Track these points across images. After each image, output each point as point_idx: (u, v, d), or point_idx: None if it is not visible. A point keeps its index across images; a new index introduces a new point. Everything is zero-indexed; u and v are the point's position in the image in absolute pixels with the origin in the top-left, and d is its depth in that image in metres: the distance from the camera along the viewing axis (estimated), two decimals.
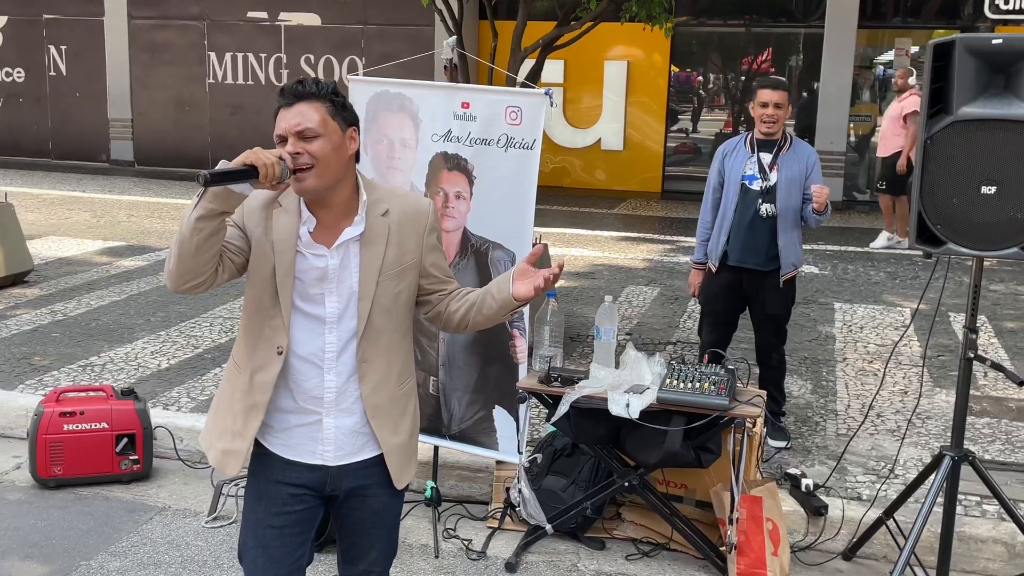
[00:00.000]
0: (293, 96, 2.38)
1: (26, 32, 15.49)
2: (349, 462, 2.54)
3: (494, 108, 4.01)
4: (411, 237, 2.53)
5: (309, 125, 2.35)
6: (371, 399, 2.51)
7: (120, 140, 15.33)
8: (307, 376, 2.47)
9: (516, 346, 4.17)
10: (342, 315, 2.46)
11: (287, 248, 2.43)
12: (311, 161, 2.35)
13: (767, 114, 4.78)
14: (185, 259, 2.29)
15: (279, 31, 14.50)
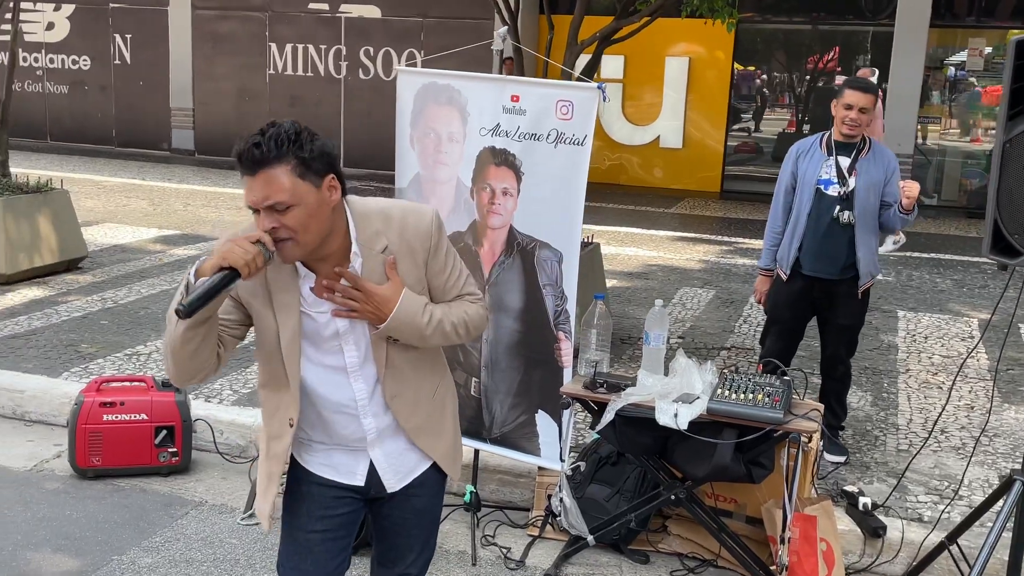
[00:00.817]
0: (252, 165, 2.09)
1: (92, 21, 15.69)
2: (409, 481, 2.48)
3: (544, 102, 3.86)
4: (416, 264, 2.33)
5: (279, 198, 2.09)
6: (410, 424, 2.42)
7: (181, 129, 15.46)
8: (343, 424, 2.38)
9: (561, 349, 4.02)
10: (364, 361, 2.33)
11: (290, 313, 2.26)
12: (290, 233, 2.12)
13: (850, 117, 4.53)
14: (183, 364, 2.18)
15: (339, 23, 14.50)
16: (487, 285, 4.07)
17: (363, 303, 2.23)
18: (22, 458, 4.70)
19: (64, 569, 3.70)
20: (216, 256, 2.07)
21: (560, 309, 3.98)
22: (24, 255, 7.26)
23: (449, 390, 2.57)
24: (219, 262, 2.06)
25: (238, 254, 2.06)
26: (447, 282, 2.40)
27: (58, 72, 16.01)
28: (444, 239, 2.38)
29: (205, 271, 2.07)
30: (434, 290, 2.39)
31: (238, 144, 2.11)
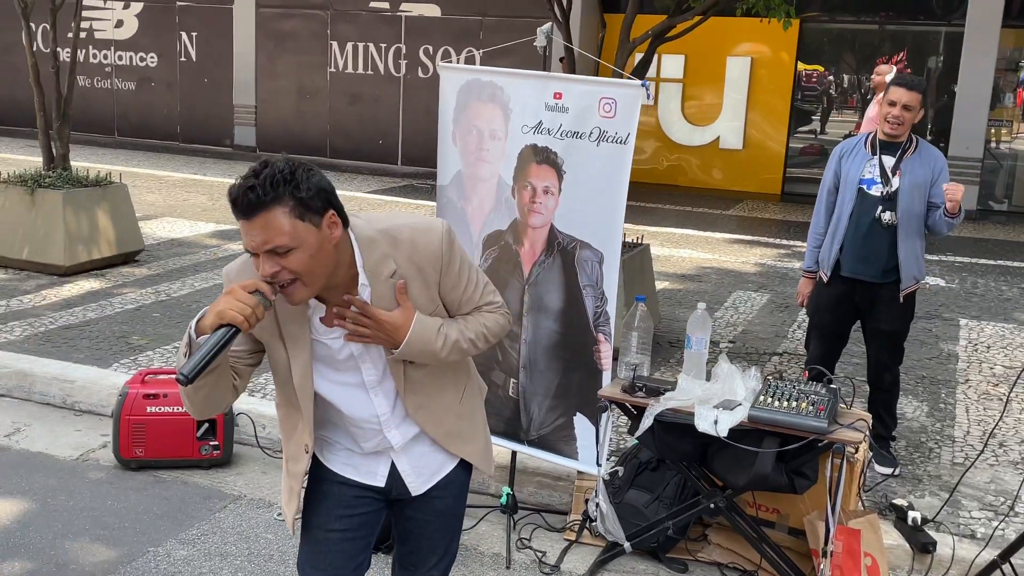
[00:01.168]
0: (247, 208, 1.99)
1: (160, 19, 15.98)
2: (434, 483, 2.44)
3: (587, 100, 3.79)
4: (428, 285, 2.25)
5: (279, 242, 2.00)
6: (438, 431, 2.39)
7: (243, 126, 15.67)
8: (367, 437, 2.35)
9: (600, 351, 3.95)
10: (383, 377, 2.29)
11: (301, 346, 2.22)
12: (293, 276, 2.05)
13: (893, 114, 4.40)
14: (199, 406, 2.17)
15: (400, 21, 14.56)
16: (527, 285, 4.02)
17: (374, 330, 2.17)
18: (69, 447, 4.77)
19: (100, 559, 3.74)
20: (212, 314, 2.01)
21: (600, 310, 3.91)
22: (83, 247, 7.39)
23: (476, 391, 2.53)
24: (217, 320, 1.99)
25: (236, 309, 1.99)
26: (463, 296, 2.33)
27: (126, 69, 16.33)
28: (456, 254, 2.28)
29: (205, 328, 2.02)
30: (449, 306, 2.33)
31: (232, 188, 2.02)
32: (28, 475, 4.42)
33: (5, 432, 4.91)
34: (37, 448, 4.73)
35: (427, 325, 2.22)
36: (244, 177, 2.01)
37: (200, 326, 2.03)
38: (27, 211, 7.24)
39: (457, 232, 4.17)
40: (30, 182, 7.30)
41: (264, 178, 1.98)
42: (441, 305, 2.30)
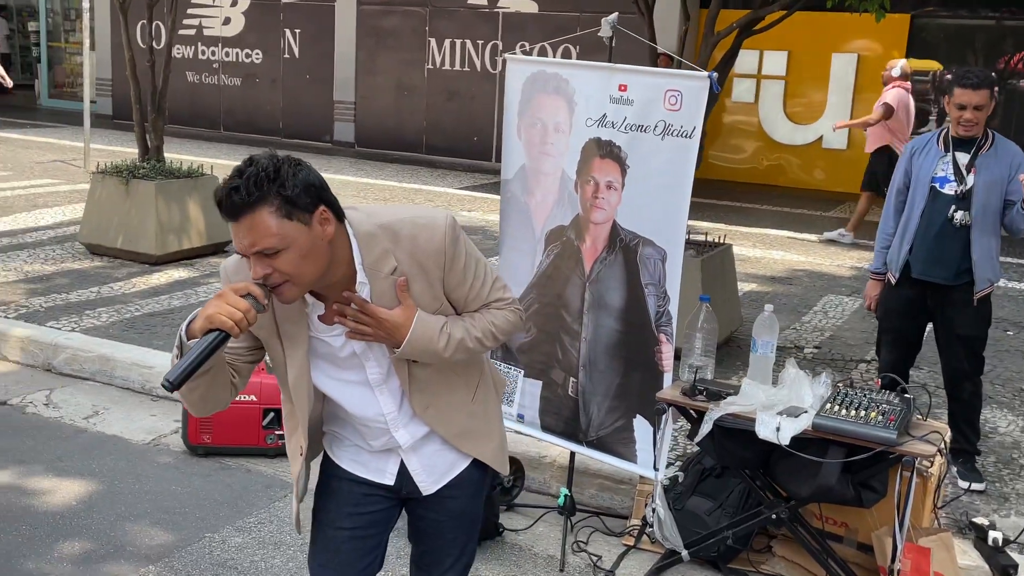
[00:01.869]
0: (233, 210, 1.92)
1: (265, 16, 16.35)
2: (446, 483, 2.37)
3: (652, 92, 3.67)
4: (431, 283, 2.15)
5: (267, 244, 1.93)
6: (448, 431, 2.30)
7: (343, 122, 15.91)
8: (375, 436, 2.29)
9: (662, 352, 3.82)
10: (388, 375, 2.21)
11: (298, 345, 2.14)
12: (285, 277, 1.97)
13: (965, 117, 4.21)
14: (195, 405, 2.11)
15: (497, 18, 14.56)
16: (588, 281, 3.92)
17: (375, 328, 2.10)
18: (143, 432, 4.88)
19: (156, 543, 3.79)
20: (202, 318, 1.94)
21: (662, 310, 3.79)
22: (173, 237, 7.58)
23: (490, 387, 2.43)
24: (206, 325, 1.93)
25: (226, 314, 1.92)
26: (469, 294, 2.22)
27: (232, 65, 16.76)
28: (461, 249, 2.17)
29: (195, 332, 1.95)
30: (455, 303, 2.23)
31: (216, 188, 1.96)
32: (100, 457, 4.53)
33: (84, 414, 5.05)
34: (112, 431, 4.85)
35: (429, 324, 2.14)
36: (229, 177, 1.95)
37: (191, 329, 1.98)
38: (122, 201, 7.46)
39: (520, 227, 4.14)
40: (125, 173, 7.52)
41: (248, 177, 1.91)
42: (446, 303, 2.21)
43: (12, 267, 7.24)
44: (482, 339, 2.22)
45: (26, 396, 5.24)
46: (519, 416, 4.21)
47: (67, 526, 3.86)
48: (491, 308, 2.27)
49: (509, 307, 2.30)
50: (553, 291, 4.04)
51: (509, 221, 4.17)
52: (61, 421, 4.95)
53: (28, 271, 7.15)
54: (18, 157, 12.86)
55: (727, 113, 14.19)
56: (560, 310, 4.03)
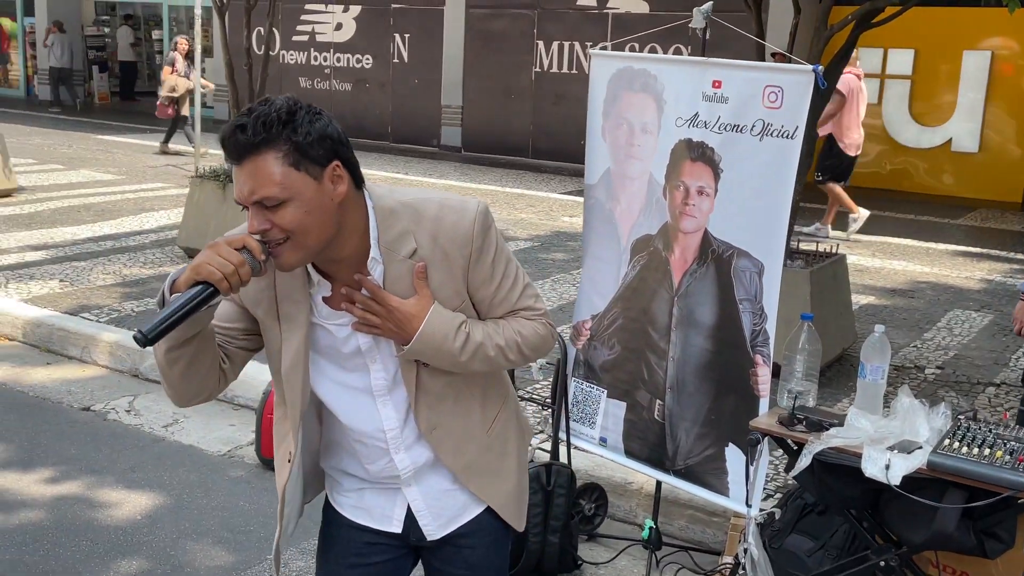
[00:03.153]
0: (236, 151, 1.69)
1: (375, 21, 16.42)
2: (454, 529, 2.05)
3: (750, 88, 3.32)
4: (453, 275, 1.88)
5: (267, 192, 1.69)
6: (456, 463, 1.99)
7: (450, 126, 15.83)
8: (373, 458, 1.98)
9: (757, 375, 3.46)
10: (393, 384, 1.92)
11: (295, 329, 1.87)
12: (285, 235, 1.72)
13: None
14: (175, 386, 1.84)
15: (606, 19, 14.23)
16: (676, 296, 3.59)
17: (384, 319, 1.82)
18: (219, 442, 4.76)
19: (216, 563, 3.63)
20: (189, 269, 1.69)
21: (758, 329, 3.43)
22: None
23: (514, 422, 2.11)
24: (192, 276, 1.67)
25: (216, 265, 1.66)
26: (495, 295, 1.93)
27: (343, 70, 16.90)
28: (491, 241, 1.90)
29: (180, 285, 1.69)
30: (479, 304, 1.94)
31: (224, 127, 1.74)
32: (172, 468, 4.42)
33: (164, 423, 4.97)
34: (189, 441, 4.75)
35: (446, 318, 1.85)
36: (238, 115, 1.73)
37: (176, 284, 1.70)
38: (219, 204, 7.44)
39: (604, 236, 3.83)
40: (222, 176, 7.50)
41: (258, 116, 1.69)
42: (468, 301, 1.92)
43: (111, 270, 7.30)
44: (505, 349, 1.93)
45: (110, 402, 5.20)
46: (601, 440, 3.90)
47: (128, 542, 3.74)
48: (519, 316, 1.97)
49: (539, 319, 1.99)
50: (639, 305, 3.72)
51: (593, 229, 3.87)
52: (140, 429, 4.88)
53: (126, 274, 7.20)
54: (133, 161, 13.18)
55: None
56: (646, 326, 3.71)
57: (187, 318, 1.67)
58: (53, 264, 7.41)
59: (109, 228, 8.80)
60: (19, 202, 9.87)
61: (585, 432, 3.95)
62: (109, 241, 8.27)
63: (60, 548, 3.65)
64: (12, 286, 6.74)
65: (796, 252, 5.78)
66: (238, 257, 1.68)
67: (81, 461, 4.42)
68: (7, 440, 4.60)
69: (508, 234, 9.39)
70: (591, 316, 3.89)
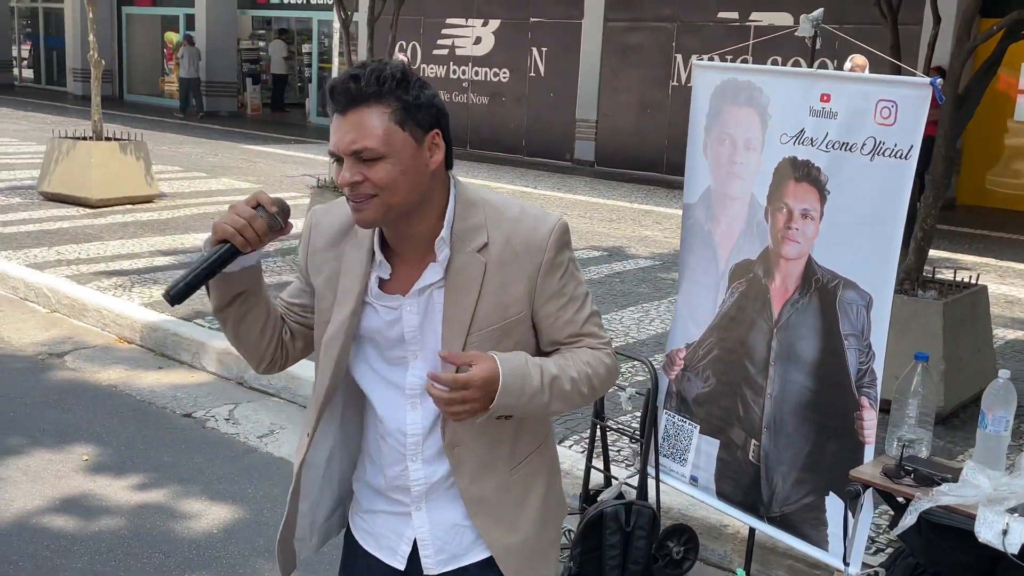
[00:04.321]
0: (345, 100, 1.70)
1: (514, 35, 16.42)
2: (454, 568, 1.91)
3: (861, 102, 3.01)
4: (517, 281, 1.80)
5: (368, 143, 1.68)
6: (470, 491, 1.87)
7: (584, 140, 15.66)
8: (390, 461, 1.91)
9: (863, 419, 3.13)
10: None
11: (349, 299, 1.84)
12: (373, 191, 1.70)
13: None
14: (238, 346, 1.91)
15: (748, 32, 13.78)
16: (776, 328, 3.29)
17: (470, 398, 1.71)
18: None
19: None
20: (217, 227, 1.75)
21: (865, 368, 3.10)
22: None
23: (544, 476, 1.96)
24: (213, 237, 1.75)
25: (230, 222, 1.72)
26: (561, 314, 1.84)
27: (480, 84, 16.96)
28: (565, 258, 1.83)
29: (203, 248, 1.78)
30: (542, 321, 1.84)
31: (333, 78, 1.76)
32: (258, 481, 4.38)
33: (260, 433, 4.96)
34: (281, 453, 4.71)
35: (512, 358, 1.76)
36: (353, 67, 1.75)
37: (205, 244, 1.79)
38: None
39: (703, 259, 3.57)
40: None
41: (372, 70, 1.71)
42: (526, 314, 1.82)
43: None
44: (578, 381, 1.82)
45: (211, 409, 5.24)
46: (692, 479, 3.63)
47: (200, 557, 3.69)
48: (583, 344, 1.87)
49: (604, 348, 1.89)
50: (736, 336, 3.44)
51: (691, 251, 3.62)
52: (236, 439, 4.88)
53: None
54: (272, 171, 13.55)
55: (1009, 135, 12.67)
56: (743, 359, 3.42)
57: (210, 275, 1.75)
58: (179, 269, 7.60)
59: None
60: (158, 208, 10.24)
61: (675, 469, 3.69)
62: None
63: (132, 559, 3.64)
64: (136, 290, 6.93)
65: (929, 281, 5.33)
66: (250, 212, 1.74)
67: (172, 469, 4.44)
68: (105, 444, 4.67)
69: (629, 251, 9.14)
70: (685, 345, 3.64)
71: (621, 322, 6.69)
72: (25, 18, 29.35)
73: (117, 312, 6.44)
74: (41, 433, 4.73)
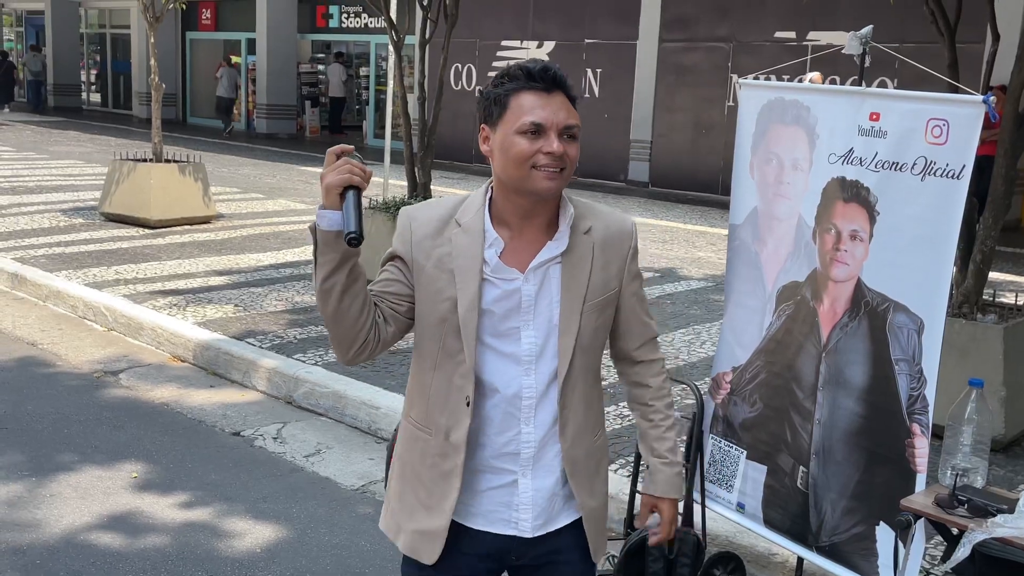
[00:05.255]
0: (552, 81, 1.99)
1: (569, 56, 16.44)
2: (548, 531, 2.16)
3: (911, 121, 2.94)
4: (614, 261, 2.14)
5: (576, 122, 2.00)
6: (570, 453, 2.13)
7: (638, 161, 15.59)
8: (502, 428, 2.10)
9: (915, 447, 3.04)
10: (541, 353, 2.08)
11: (471, 276, 2.04)
12: (566, 164, 1.99)
13: None
14: (333, 328, 2.02)
15: (806, 51, 13.64)
16: (824, 352, 3.21)
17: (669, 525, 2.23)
18: (354, 476, 4.71)
19: None
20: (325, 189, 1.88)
21: (916, 394, 3.01)
22: None
23: (606, 452, 2.28)
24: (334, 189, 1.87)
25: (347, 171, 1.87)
26: (641, 307, 2.23)
27: None
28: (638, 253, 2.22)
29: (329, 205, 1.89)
30: (628, 298, 2.19)
31: (519, 66, 2.01)
32: (303, 501, 4.39)
33: (307, 452, 4.98)
34: (326, 473, 4.72)
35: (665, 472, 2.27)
36: (532, 60, 2.05)
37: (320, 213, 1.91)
38: (388, 235, 7.48)
39: (749, 281, 3.50)
40: (392, 209, 7.58)
41: (558, 68, 2.02)
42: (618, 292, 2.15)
43: (284, 297, 7.50)
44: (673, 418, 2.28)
45: (260, 428, 5.27)
46: (739, 505, 3.55)
47: None
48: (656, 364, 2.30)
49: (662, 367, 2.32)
50: (783, 360, 3.37)
51: (737, 273, 3.56)
52: (283, 457, 4.90)
53: (297, 302, 7.38)
54: None
55: None
56: (791, 383, 3.35)
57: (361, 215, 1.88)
58: (232, 289, 7.70)
59: (291, 256, 9.10)
60: (215, 228, 10.41)
61: (722, 496, 3.61)
62: (288, 268, 8.53)
63: None
64: (190, 309, 7.03)
65: (990, 304, 5.18)
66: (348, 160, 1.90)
67: (219, 488, 4.47)
68: (155, 461, 4.72)
69: (682, 272, 9.05)
70: (732, 368, 3.57)
71: (672, 344, 6.61)
72: (94, 43, 30.17)
73: (171, 331, 6.53)
74: (93, 450, 4.81)
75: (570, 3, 16.39)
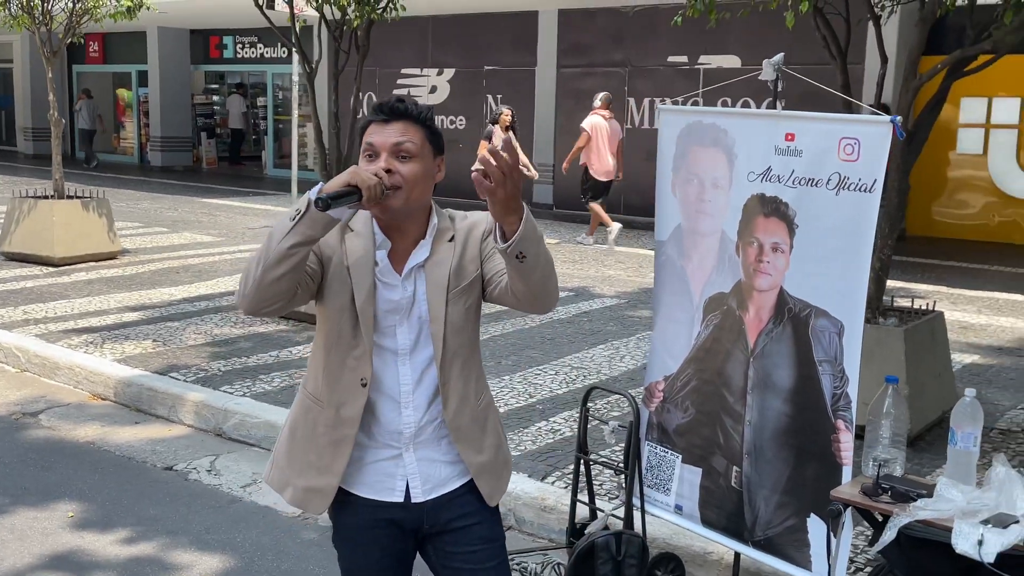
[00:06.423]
0: (392, 113, 2.26)
1: (469, 83, 16.68)
2: (440, 494, 2.40)
3: (825, 140, 3.20)
4: (471, 248, 2.38)
5: (410, 142, 2.24)
6: (455, 423, 2.39)
7: (542, 184, 15.87)
8: (384, 411, 2.37)
9: (840, 441, 3.27)
10: (414, 346, 2.36)
11: (365, 274, 2.32)
12: (401, 182, 2.22)
13: None
14: (265, 285, 2.17)
15: (697, 75, 14.15)
16: (752, 357, 3.43)
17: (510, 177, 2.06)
18: None
19: None
20: (347, 175, 2.12)
21: (839, 392, 3.25)
22: None
23: (494, 410, 2.52)
24: (346, 179, 2.12)
25: (363, 177, 2.13)
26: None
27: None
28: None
29: (333, 185, 2.12)
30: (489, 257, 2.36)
31: (380, 101, 2.30)
32: (246, 530, 4.41)
33: (243, 483, 4.98)
34: (265, 502, 4.74)
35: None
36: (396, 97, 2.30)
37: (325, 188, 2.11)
38: None
39: (676, 294, 3.71)
40: None
41: (412, 102, 2.28)
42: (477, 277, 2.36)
43: (203, 330, 7.45)
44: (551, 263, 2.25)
45: (192, 461, 5.25)
46: (677, 507, 3.74)
47: None
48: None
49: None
50: (713, 367, 3.58)
51: (664, 288, 3.76)
52: (220, 489, 4.90)
53: (216, 334, 7.33)
54: (234, 223, 13.57)
55: (952, 166, 13.09)
56: (721, 389, 3.56)
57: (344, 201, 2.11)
58: (148, 324, 7.60)
59: (205, 289, 9.02)
60: (122, 264, 10.22)
61: (660, 499, 3.79)
62: (203, 301, 8.46)
63: None
64: (107, 346, 6.92)
65: (890, 309, 5.53)
66: (375, 179, 2.16)
67: (159, 522, 4.45)
68: (90, 500, 4.67)
69: (595, 291, 9.29)
70: (664, 377, 3.77)
71: (593, 360, 6.81)
72: None
73: (90, 369, 6.43)
74: (23, 492, 4.73)
75: (469, 31, 16.65)
